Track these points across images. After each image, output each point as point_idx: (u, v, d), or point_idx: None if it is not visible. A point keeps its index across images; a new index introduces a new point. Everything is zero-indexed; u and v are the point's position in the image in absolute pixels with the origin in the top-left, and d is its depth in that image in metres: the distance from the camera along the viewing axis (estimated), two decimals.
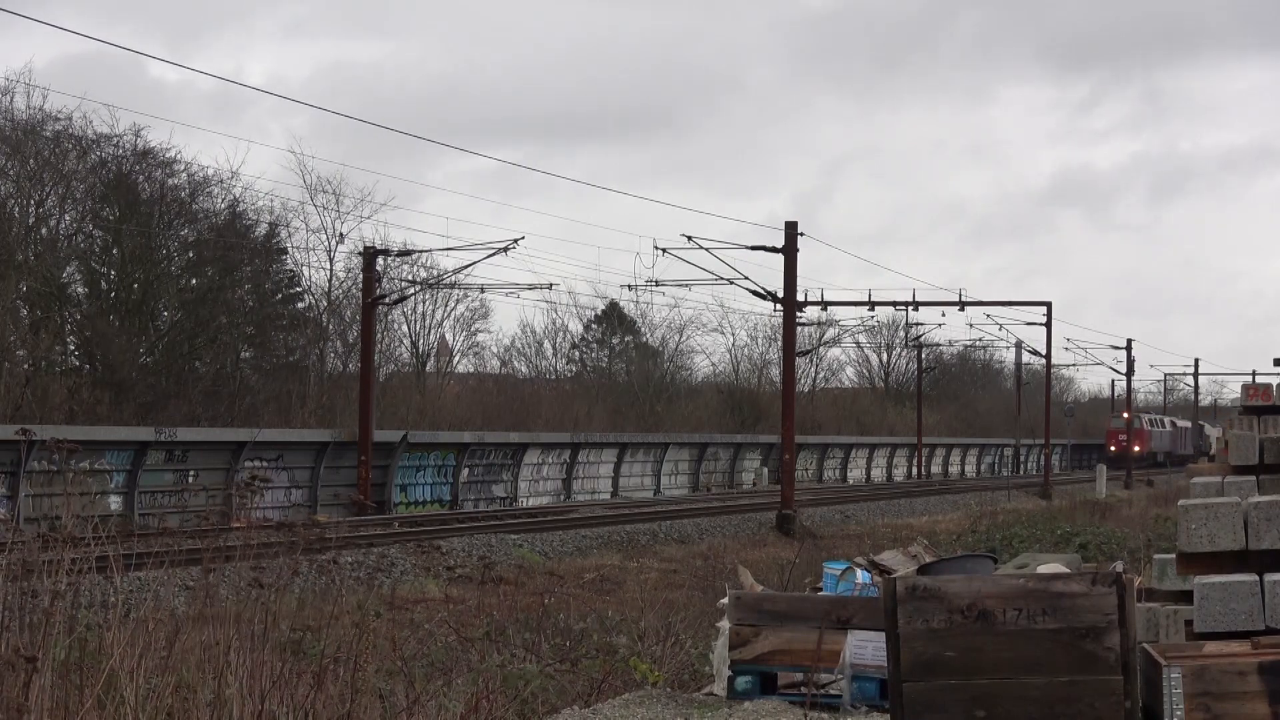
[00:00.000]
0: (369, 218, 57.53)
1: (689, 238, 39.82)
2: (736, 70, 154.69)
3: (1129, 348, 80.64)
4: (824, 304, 51.82)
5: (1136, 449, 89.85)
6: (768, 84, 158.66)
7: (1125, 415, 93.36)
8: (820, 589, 11.51)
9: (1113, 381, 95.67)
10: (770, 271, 74.75)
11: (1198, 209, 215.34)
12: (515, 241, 39.52)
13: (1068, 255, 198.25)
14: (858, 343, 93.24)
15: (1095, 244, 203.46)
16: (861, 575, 11.28)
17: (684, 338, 78.19)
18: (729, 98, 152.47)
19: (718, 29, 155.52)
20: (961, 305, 54.61)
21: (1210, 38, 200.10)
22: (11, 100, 44.18)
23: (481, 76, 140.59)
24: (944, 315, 69.74)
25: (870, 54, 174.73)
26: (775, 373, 72.21)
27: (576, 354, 76.15)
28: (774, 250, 39.87)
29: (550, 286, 45.69)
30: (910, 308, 54.29)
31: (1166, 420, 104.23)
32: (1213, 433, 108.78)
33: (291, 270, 55.41)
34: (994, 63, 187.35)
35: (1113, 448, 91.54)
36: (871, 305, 53.22)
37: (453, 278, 46.16)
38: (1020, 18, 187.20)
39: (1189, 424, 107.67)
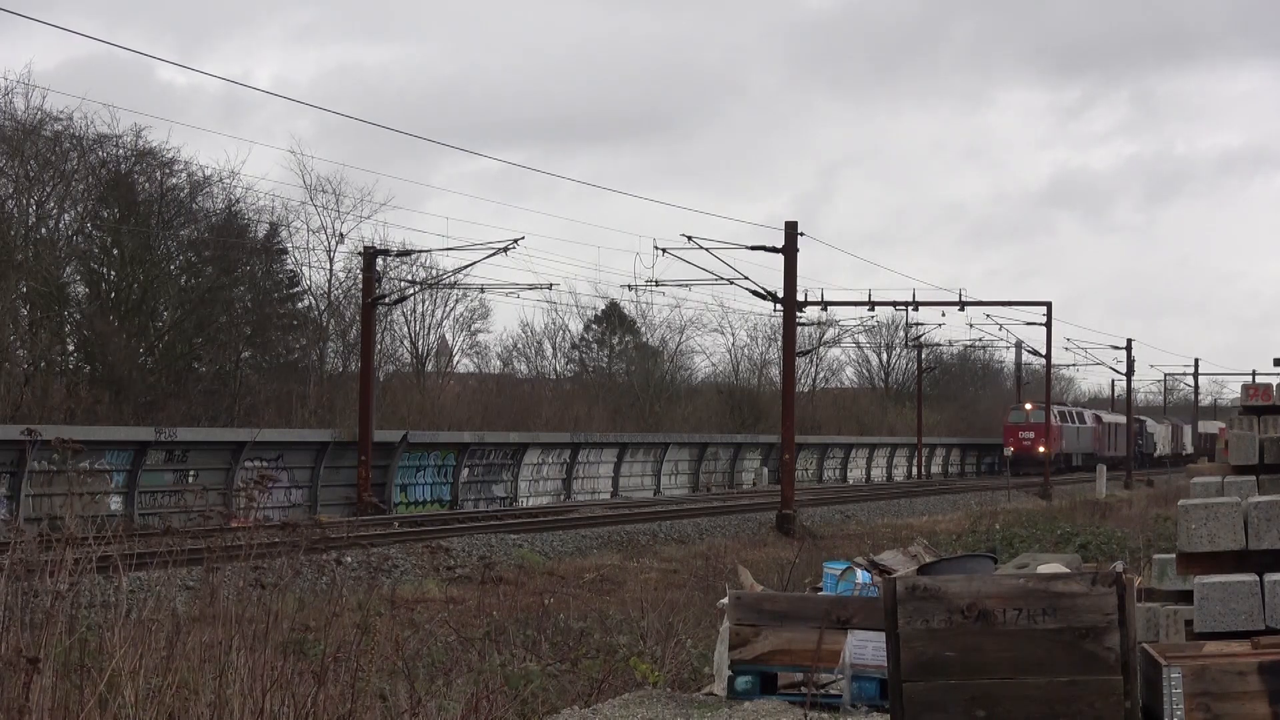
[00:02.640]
0: (369, 218, 57.57)
1: (689, 238, 39.83)
2: (737, 73, 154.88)
3: (1129, 348, 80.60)
4: (824, 304, 51.81)
5: (1042, 450, 69.58)
6: (768, 87, 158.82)
7: (1027, 406, 76.57)
8: (820, 589, 11.52)
9: (1113, 381, 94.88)
10: (770, 271, 74.62)
11: (1194, 211, 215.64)
12: (515, 242, 39.52)
13: (1065, 256, 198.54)
14: (858, 343, 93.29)
15: (1093, 245, 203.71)
16: (861, 575, 11.29)
17: (684, 338, 78.26)
18: (729, 100, 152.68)
19: (718, 32, 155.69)
20: (961, 305, 54.61)
21: (1205, 42, 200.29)
22: (11, 101, 44.26)
23: (485, 79, 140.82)
24: (944, 315, 69.70)
25: (869, 58, 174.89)
26: (775, 373, 72.21)
27: (576, 354, 76.19)
28: (774, 250, 39.84)
29: (550, 286, 45.66)
30: (910, 308, 54.31)
31: (1087, 414, 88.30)
32: (1157, 430, 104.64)
33: (291, 270, 55.52)
34: (991, 67, 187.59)
35: (1011, 449, 75.10)
36: (871, 305, 53.22)
37: (453, 278, 46.18)
38: (1016, 23, 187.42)
39: (1121, 419, 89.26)
